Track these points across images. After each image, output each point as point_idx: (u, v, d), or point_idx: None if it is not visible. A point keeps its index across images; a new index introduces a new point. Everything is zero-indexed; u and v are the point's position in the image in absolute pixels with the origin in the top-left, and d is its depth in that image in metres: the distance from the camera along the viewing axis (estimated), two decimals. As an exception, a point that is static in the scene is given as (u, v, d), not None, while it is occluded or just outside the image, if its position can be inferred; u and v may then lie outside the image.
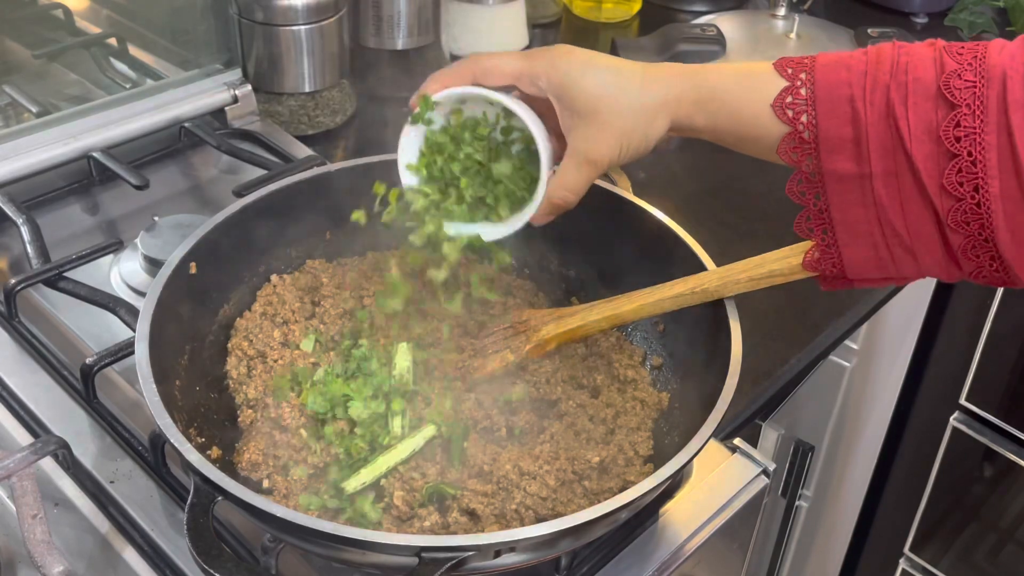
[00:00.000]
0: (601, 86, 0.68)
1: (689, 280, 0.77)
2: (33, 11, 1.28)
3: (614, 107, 0.69)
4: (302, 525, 0.60)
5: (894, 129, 0.61)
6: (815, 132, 0.64)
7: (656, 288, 0.78)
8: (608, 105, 0.69)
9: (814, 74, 0.64)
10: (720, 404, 0.68)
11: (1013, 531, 1.53)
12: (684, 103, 0.68)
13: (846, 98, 0.62)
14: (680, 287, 0.77)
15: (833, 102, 0.63)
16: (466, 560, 0.60)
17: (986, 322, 1.37)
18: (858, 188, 0.63)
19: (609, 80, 0.69)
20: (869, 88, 0.62)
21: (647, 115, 0.69)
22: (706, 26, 1.42)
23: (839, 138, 0.63)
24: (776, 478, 1.22)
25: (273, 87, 1.19)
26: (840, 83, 0.63)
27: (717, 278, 0.76)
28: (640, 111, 0.68)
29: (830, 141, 0.63)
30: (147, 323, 0.71)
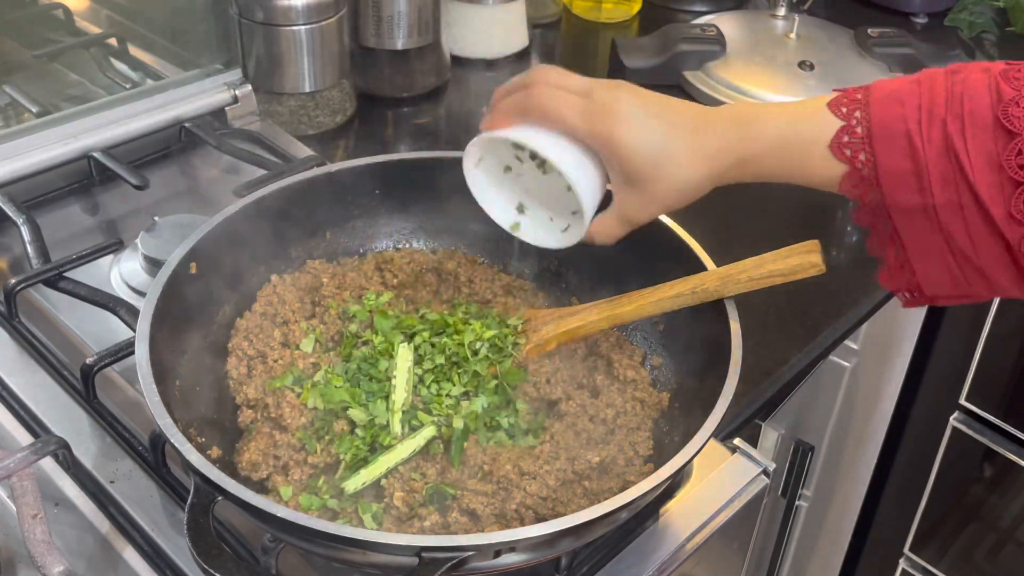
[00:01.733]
0: (651, 161, 0.69)
1: (689, 280, 0.77)
2: (33, 11, 1.28)
3: (661, 184, 0.70)
4: (302, 525, 0.60)
5: (955, 162, 0.61)
6: (874, 169, 0.64)
7: (656, 288, 0.78)
8: (656, 181, 0.70)
9: (869, 111, 0.64)
10: (720, 404, 0.68)
11: (1013, 531, 1.53)
12: (735, 167, 0.69)
13: (903, 133, 0.62)
14: (680, 287, 0.77)
15: (890, 138, 0.63)
16: (466, 560, 0.60)
17: (986, 322, 1.36)
18: (924, 217, 0.63)
19: (659, 154, 0.69)
20: (925, 122, 0.62)
21: (694, 190, 0.71)
22: (706, 26, 1.42)
23: (899, 172, 0.63)
24: (776, 478, 1.22)
25: (273, 87, 1.19)
26: (895, 118, 0.63)
27: (717, 278, 0.76)
28: (687, 187, 0.70)
29: (890, 176, 0.63)
30: (147, 323, 0.71)
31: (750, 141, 0.68)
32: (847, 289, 1.06)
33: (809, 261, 0.74)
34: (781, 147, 0.67)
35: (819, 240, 0.74)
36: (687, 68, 1.38)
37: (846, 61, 1.39)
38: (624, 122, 0.70)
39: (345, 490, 0.71)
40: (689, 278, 0.77)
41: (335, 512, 0.71)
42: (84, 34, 1.26)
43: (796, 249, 0.73)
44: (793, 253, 0.73)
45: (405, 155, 0.91)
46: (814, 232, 0.68)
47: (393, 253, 0.91)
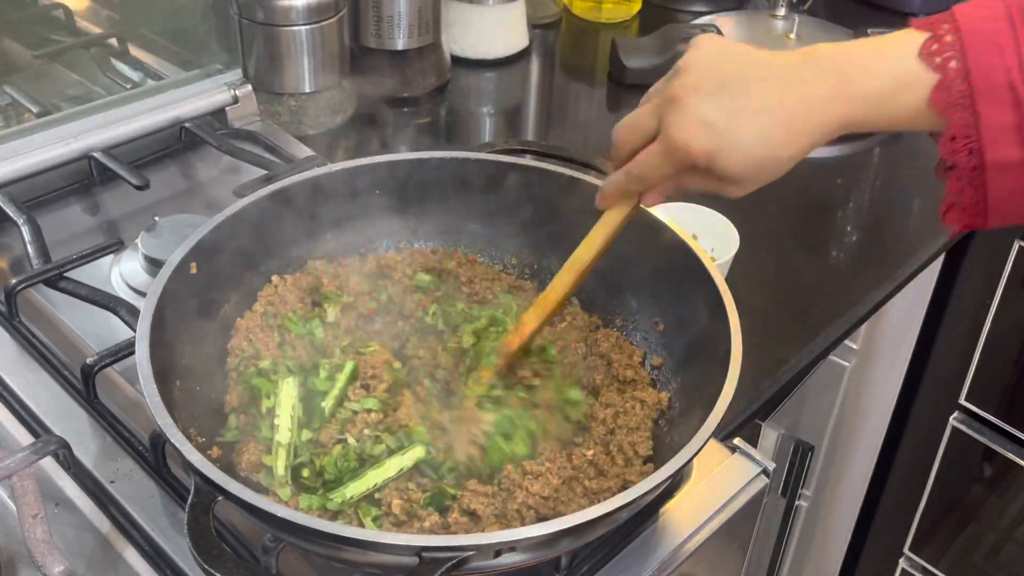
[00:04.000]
0: (747, 160, 0.64)
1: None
2: (34, 11, 1.28)
3: (760, 175, 0.66)
4: (303, 525, 0.60)
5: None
6: (976, 125, 0.60)
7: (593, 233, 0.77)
8: (755, 174, 0.65)
9: (966, 61, 0.60)
10: (720, 404, 0.68)
11: (1013, 531, 1.53)
12: (832, 136, 0.65)
13: (1005, 85, 0.59)
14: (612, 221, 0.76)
15: (992, 90, 0.59)
16: (466, 560, 0.60)
17: (986, 322, 1.37)
18: (1019, 178, 0.60)
19: (755, 153, 0.64)
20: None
21: (793, 164, 0.66)
22: (706, 26, 1.42)
23: (1002, 126, 0.59)
24: (776, 478, 1.22)
25: (273, 87, 1.19)
26: (996, 68, 0.59)
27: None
28: (787, 163, 0.65)
29: (993, 131, 0.60)
30: (147, 323, 0.71)
31: (849, 103, 0.63)
32: (847, 289, 1.06)
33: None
34: (883, 106, 0.63)
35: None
36: (687, 68, 1.38)
37: (846, 61, 1.39)
38: (706, 144, 0.64)
39: (332, 501, 0.70)
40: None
41: (335, 512, 0.71)
42: (84, 34, 1.26)
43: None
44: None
45: (405, 155, 0.91)
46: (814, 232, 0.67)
47: (395, 255, 0.91)
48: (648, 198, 0.72)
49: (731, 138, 0.63)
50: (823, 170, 1.23)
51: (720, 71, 0.65)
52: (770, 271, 1.07)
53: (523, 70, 1.46)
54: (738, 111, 0.63)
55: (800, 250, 1.11)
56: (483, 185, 0.91)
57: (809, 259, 1.09)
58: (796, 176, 0.68)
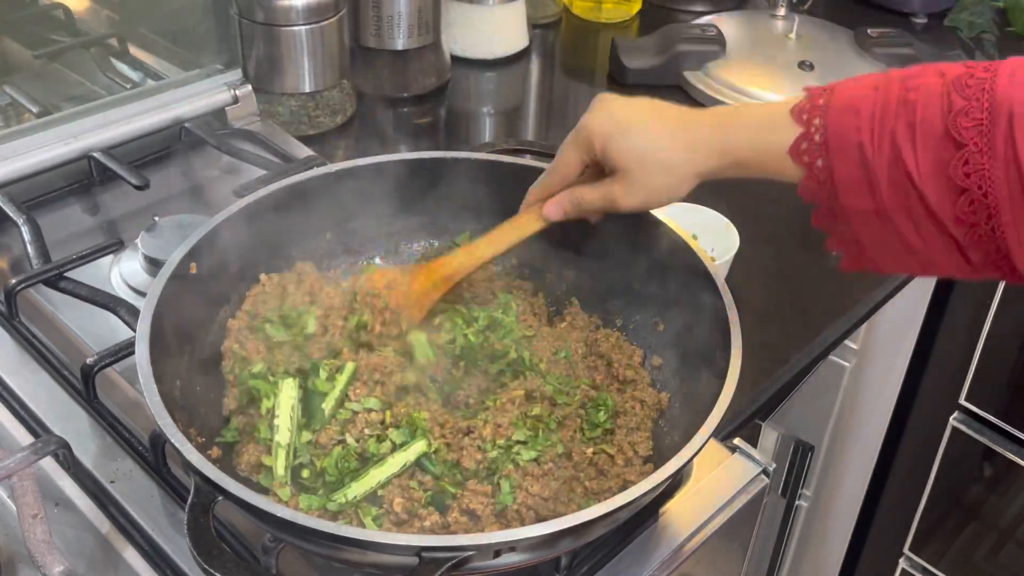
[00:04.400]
0: (633, 150, 0.74)
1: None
2: (34, 11, 1.28)
3: (644, 170, 0.75)
4: (303, 525, 0.60)
5: (903, 170, 0.64)
6: (830, 175, 0.67)
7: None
8: (639, 168, 0.75)
9: (827, 119, 0.67)
10: (720, 404, 0.68)
11: (1013, 531, 1.53)
12: (714, 159, 0.73)
13: (855, 144, 0.66)
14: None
15: (844, 148, 0.66)
16: (466, 560, 0.60)
17: (986, 322, 1.37)
18: (877, 219, 0.67)
19: (640, 144, 0.74)
20: (877, 133, 0.65)
21: (677, 180, 0.75)
22: (706, 26, 1.42)
23: (852, 179, 0.66)
24: (776, 478, 1.22)
25: (273, 87, 1.19)
26: (850, 129, 0.66)
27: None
28: (671, 175, 0.74)
29: (844, 183, 0.67)
30: (147, 323, 0.71)
31: (726, 138, 0.72)
32: (847, 289, 1.06)
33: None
34: (752, 148, 0.71)
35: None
36: (687, 68, 1.38)
37: (846, 61, 1.40)
38: (607, 118, 0.75)
39: (335, 502, 0.70)
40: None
41: (335, 513, 0.71)
42: (84, 34, 1.26)
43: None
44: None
45: (405, 155, 0.91)
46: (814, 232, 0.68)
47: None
48: (548, 207, 0.81)
49: (625, 128, 0.74)
50: (823, 170, 1.22)
51: (642, 100, 0.77)
52: (770, 271, 1.07)
53: (523, 70, 1.46)
54: (639, 116, 0.75)
55: (800, 250, 1.11)
56: (483, 185, 0.91)
57: (809, 259, 1.09)
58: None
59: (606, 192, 0.77)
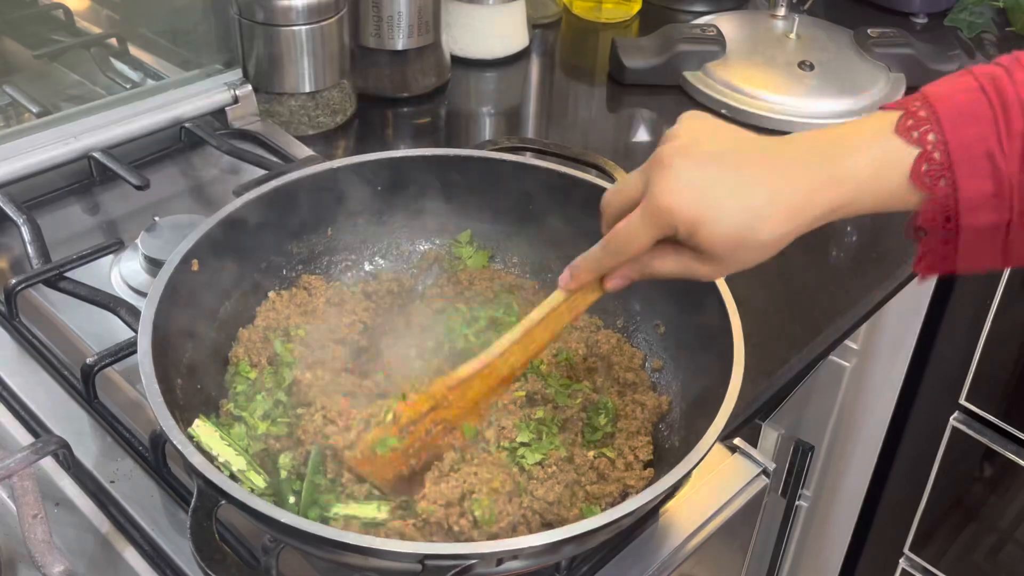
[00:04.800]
0: (729, 237, 0.62)
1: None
2: (34, 11, 1.28)
3: (741, 252, 0.63)
4: (306, 531, 0.60)
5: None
6: (954, 194, 0.60)
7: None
8: (735, 251, 0.63)
9: (943, 132, 0.60)
10: (723, 410, 0.68)
11: (1013, 531, 1.53)
12: (817, 223, 0.63)
13: (984, 155, 0.59)
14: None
15: (972, 161, 0.59)
16: (470, 567, 0.60)
17: (986, 322, 1.37)
18: (993, 236, 0.61)
19: (738, 227, 0.61)
20: (1005, 138, 0.59)
21: (772, 251, 0.64)
22: (706, 26, 1.42)
23: (981, 195, 0.60)
24: (776, 478, 1.22)
25: (273, 87, 1.19)
26: (975, 140, 0.59)
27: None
28: (766, 250, 0.64)
29: (971, 200, 0.60)
30: (148, 323, 0.71)
31: (841, 185, 0.62)
32: (847, 289, 1.06)
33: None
34: (872, 185, 0.62)
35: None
36: (687, 68, 1.38)
37: (846, 61, 1.40)
38: (690, 210, 0.61)
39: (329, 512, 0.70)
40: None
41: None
42: (84, 34, 1.26)
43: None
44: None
45: (406, 152, 0.91)
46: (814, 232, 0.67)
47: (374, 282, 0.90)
48: (613, 280, 0.69)
49: (718, 208, 0.61)
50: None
51: (711, 141, 0.63)
52: (770, 271, 1.06)
53: (523, 70, 1.46)
54: (728, 182, 0.61)
55: (800, 250, 1.10)
56: (483, 183, 0.91)
57: (809, 259, 1.09)
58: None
59: (687, 268, 0.65)
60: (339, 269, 0.92)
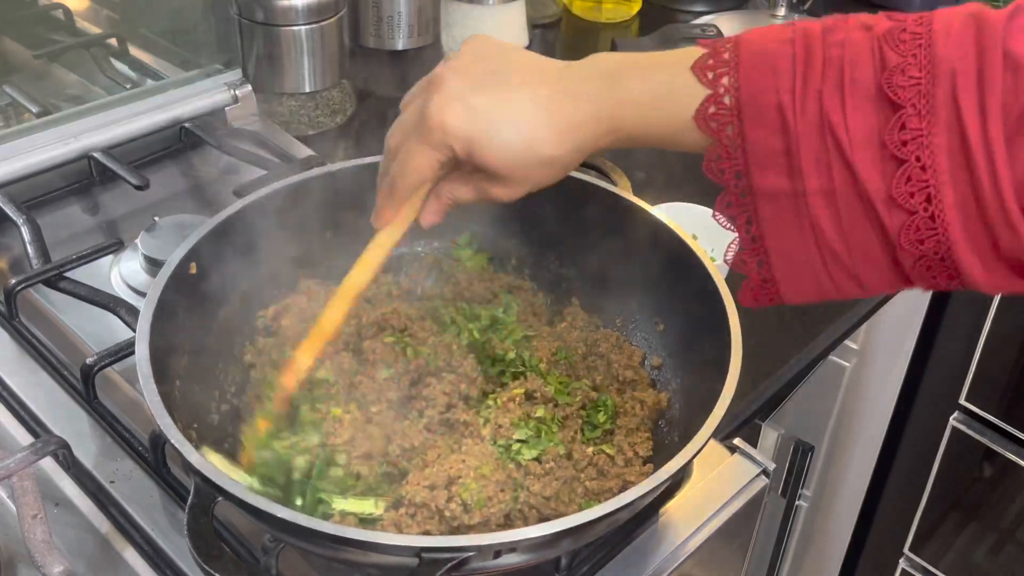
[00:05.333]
0: (506, 153, 0.61)
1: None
2: (33, 11, 1.28)
3: (522, 170, 0.62)
4: (303, 526, 0.60)
5: (831, 138, 0.54)
6: (742, 144, 0.57)
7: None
8: (516, 170, 0.62)
9: (738, 77, 0.57)
10: (720, 405, 0.68)
11: (1013, 531, 1.53)
12: (604, 136, 0.62)
13: (774, 106, 0.55)
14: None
15: (760, 112, 0.56)
16: (466, 560, 0.60)
17: (986, 322, 1.37)
18: (792, 208, 0.57)
19: (514, 144, 0.61)
20: (800, 94, 0.55)
21: (562, 167, 0.63)
22: (706, 26, 1.42)
23: (769, 151, 0.56)
24: (776, 478, 1.22)
25: (273, 87, 1.19)
26: (768, 89, 0.56)
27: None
28: (549, 167, 0.62)
29: (758, 154, 0.56)
30: (147, 323, 0.71)
31: (617, 105, 0.60)
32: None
33: None
34: (647, 121, 0.60)
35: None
36: (687, 68, 1.38)
37: (846, 61, 1.39)
38: (463, 127, 0.61)
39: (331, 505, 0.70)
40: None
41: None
42: (84, 34, 1.26)
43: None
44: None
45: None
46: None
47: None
48: (424, 215, 0.68)
49: (491, 124, 0.60)
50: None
51: (489, 60, 0.62)
52: (770, 271, 1.07)
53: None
54: (501, 98, 0.61)
55: (800, 250, 1.11)
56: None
57: (809, 259, 1.09)
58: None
59: (481, 190, 0.65)
60: (338, 272, 0.91)
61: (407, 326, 0.82)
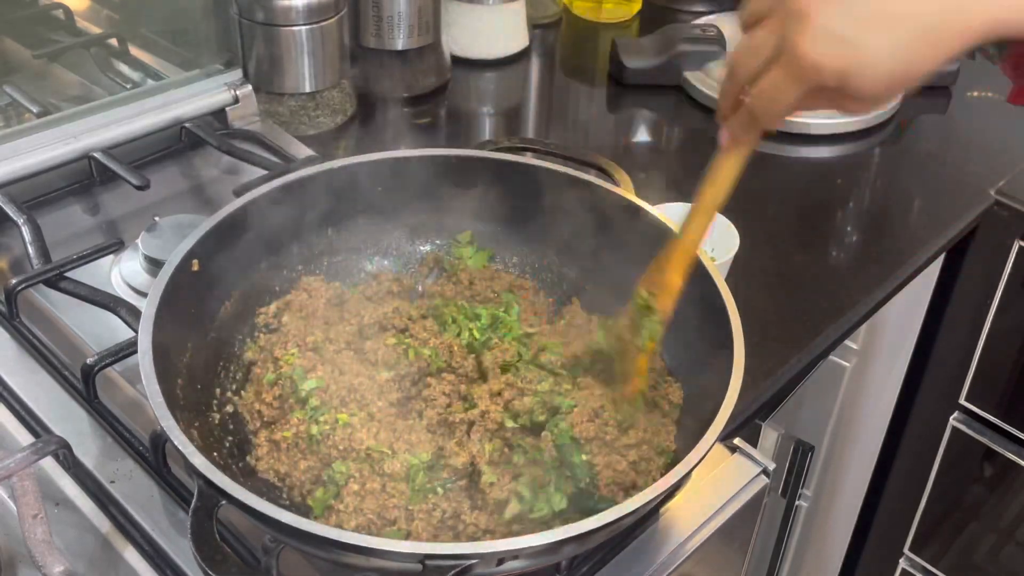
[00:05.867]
0: (886, 82, 0.59)
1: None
2: (34, 11, 1.28)
3: (896, 92, 0.61)
4: (306, 531, 0.60)
5: None
6: None
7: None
8: (891, 93, 0.60)
9: None
10: (724, 409, 0.68)
11: (1013, 531, 1.53)
12: (979, 39, 0.58)
13: None
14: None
15: None
16: (470, 567, 0.60)
17: (986, 322, 1.36)
18: None
19: (897, 74, 0.58)
20: None
21: (927, 78, 0.60)
22: (706, 26, 1.42)
23: None
24: (776, 478, 1.22)
25: (273, 87, 1.20)
26: None
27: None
28: (922, 81, 0.60)
29: None
30: (148, 323, 0.71)
31: (997, 5, 0.57)
32: (847, 289, 1.06)
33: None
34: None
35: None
36: (687, 68, 1.38)
37: (846, 61, 1.39)
38: (838, 63, 0.58)
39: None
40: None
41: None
42: (85, 34, 1.26)
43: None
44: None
45: (406, 152, 0.91)
46: (815, 232, 0.67)
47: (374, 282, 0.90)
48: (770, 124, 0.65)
49: (865, 54, 0.57)
50: (823, 170, 1.23)
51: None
52: (770, 271, 1.07)
53: (523, 70, 1.46)
54: (871, 21, 0.57)
55: (800, 250, 1.11)
56: (484, 183, 0.91)
57: (809, 259, 1.09)
58: (796, 176, 0.68)
59: (837, 105, 0.63)
60: (339, 269, 0.92)
61: (407, 326, 0.82)
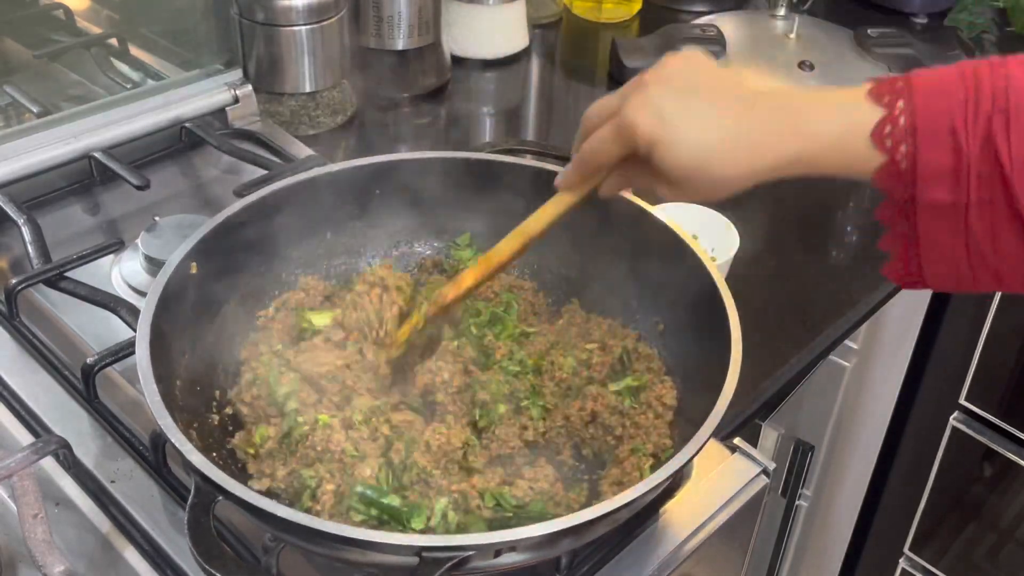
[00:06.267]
0: (687, 163, 0.65)
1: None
2: (34, 11, 1.28)
3: (697, 181, 0.66)
4: (303, 525, 0.60)
5: (994, 159, 0.60)
6: (913, 163, 0.62)
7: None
8: (691, 179, 0.66)
9: (913, 101, 0.62)
10: (720, 404, 0.68)
11: (1013, 531, 1.53)
12: (778, 166, 0.65)
13: (947, 129, 0.61)
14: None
15: (935, 133, 0.61)
16: (467, 560, 0.60)
17: (986, 322, 1.37)
18: (951, 217, 0.62)
19: (696, 155, 0.65)
20: (971, 119, 0.60)
21: (729, 188, 0.67)
22: (706, 26, 1.42)
23: (938, 168, 0.61)
24: (776, 478, 1.22)
25: (274, 87, 1.20)
26: (941, 113, 0.61)
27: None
28: (724, 185, 0.66)
29: (928, 172, 0.62)
30: (148, 323, 0.71)
31: (804, 139, 0.64)
32: (847, 289, 1.06)
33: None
34: (835, 143, 0.64)
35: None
36: (687, 68, 1.38)
37: (846, 61, 1.40)
38: (652, 130, 0.65)
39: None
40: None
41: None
42: (85, 34, 1.26)
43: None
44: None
45: (406, 155, 0.91)
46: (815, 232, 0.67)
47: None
48: (603, 188, 0.74)
49: (676, 133, 0.65)
50: (823, 170, 1.23)
51: (694, 76, 0.67)
52: (770, 271, 1.07)
53: (523, 70, 1.46)
54: (693, 112, 0.65)
55: (800, 250, 1.11)
56: (483, 185, 0.91)
57: (809, 259, 1.09)
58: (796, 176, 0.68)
59: (650, 185, 0.70)
60: (338, 271, 0.92)
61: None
